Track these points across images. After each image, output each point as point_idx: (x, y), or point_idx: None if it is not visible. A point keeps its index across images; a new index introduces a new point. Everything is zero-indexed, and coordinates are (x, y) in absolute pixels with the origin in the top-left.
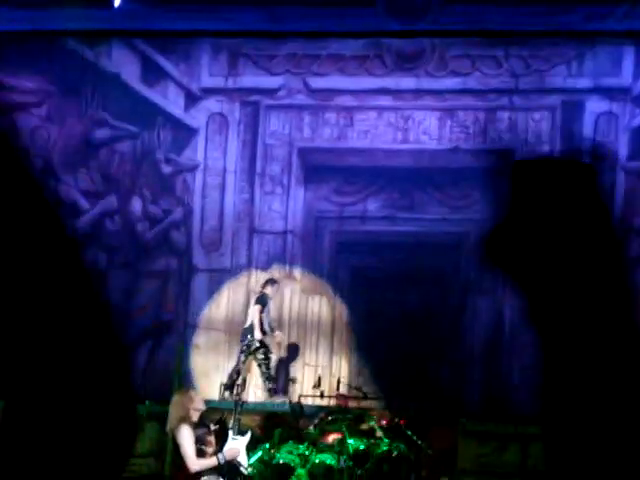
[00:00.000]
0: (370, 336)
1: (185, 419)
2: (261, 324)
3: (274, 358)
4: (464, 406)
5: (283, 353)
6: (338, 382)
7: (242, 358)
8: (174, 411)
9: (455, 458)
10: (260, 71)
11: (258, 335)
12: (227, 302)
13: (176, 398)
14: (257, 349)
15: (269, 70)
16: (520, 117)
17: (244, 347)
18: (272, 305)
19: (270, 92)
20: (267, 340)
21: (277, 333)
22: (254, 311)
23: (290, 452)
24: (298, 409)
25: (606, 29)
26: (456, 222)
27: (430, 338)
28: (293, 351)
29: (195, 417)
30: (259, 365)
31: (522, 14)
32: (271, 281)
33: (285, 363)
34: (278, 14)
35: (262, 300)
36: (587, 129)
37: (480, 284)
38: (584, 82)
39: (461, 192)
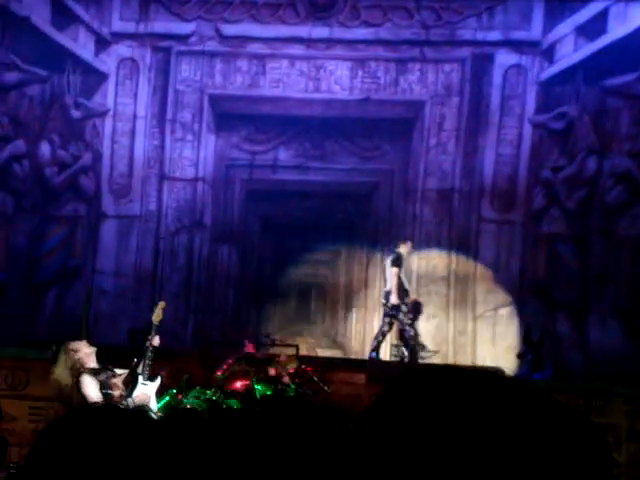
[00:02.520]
0: (277, 285)
1: (80, 368)
2: (400, 286)
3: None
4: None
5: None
6: (247, 330)
7: (386, 320)
8: (64, 367)
9: (361, 404)
10: (172, 17)
11: (394, 300)
12: (136, 249)
13: (61, 357)
14: (404, 313)
15: (181, 16)
16: (431, 69)
17: (389, 310)
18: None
19: (182, 38)
20: (407, 301)
21: None
22: (392, 274)
23: (197, 397)
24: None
25: None
26: (366, 172)
27: (333, 286)
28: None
29: (90, 361)
30: (403, 330)
31: None
32: (404, 240)
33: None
34: None
35: (398, 261)
36: (496, 81)
37: (389, 233)
38: (494, 35)
39: (372, 143)
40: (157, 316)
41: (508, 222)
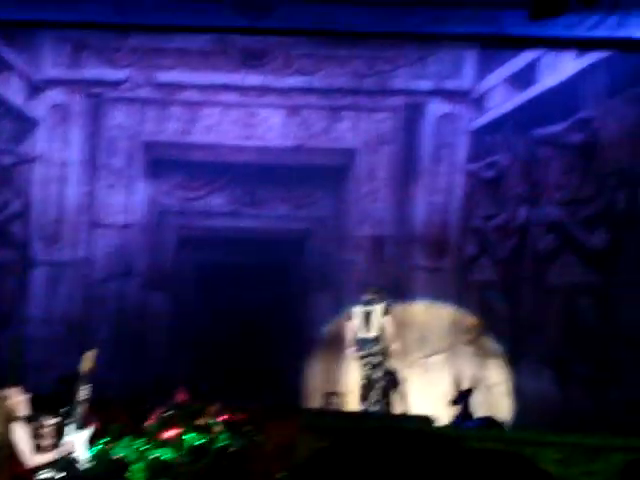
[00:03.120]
0: (211, 333)
1: (12, 417)
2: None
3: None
4: (305, 401)
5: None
6: (179, 379)
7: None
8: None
9: (294, 453)
10: (104, 63)
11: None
12: (66, 296)
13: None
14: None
15: (113, 62)
16: (363, 117)
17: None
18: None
19: (114, 85)
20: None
21: None
22: (388, 322)
23: (126, 447)
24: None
25: (448, 32)
26: (299, 219)
27: (271, 333)
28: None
29: (23, 409)
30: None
31: (367, 14)
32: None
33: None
34: (122, 6)
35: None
36: (428, 130)
37: (322, 281)
38: (426, 84)
39: (304, 190)
40: (87, 365)
41: (440, 269)
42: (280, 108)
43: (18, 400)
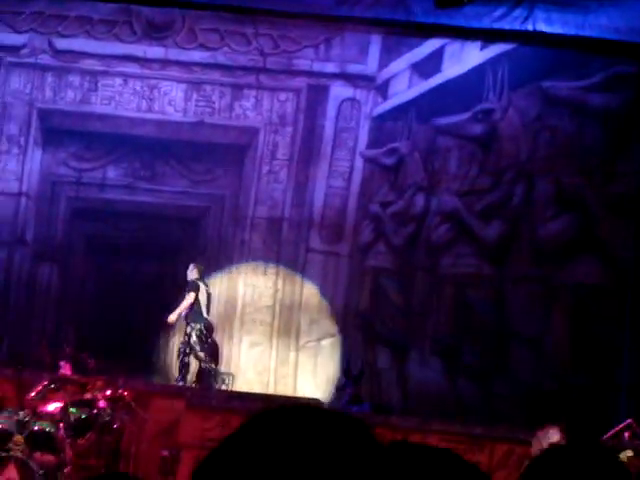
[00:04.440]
0: (99, 307)
1: None
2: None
3: None
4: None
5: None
6: (65, 350)
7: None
8: None
9: (178, 431)
10: (4, 27)
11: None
12: None
13: None
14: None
15: (13, 27)
16: (266, 96)
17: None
18: None
19: (13, 49)
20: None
21: None
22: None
23: (8, 418)
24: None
25: (354, 15)
26: (197, 196)
27: (160, 310)
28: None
29: None
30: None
31: None
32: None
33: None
34: None
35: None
36: (330, 114)
37: (217, 260)
38: (330, 67)
39: (204, 166)
40: None
41: (335, 254)
42: (182, 82)
43: None
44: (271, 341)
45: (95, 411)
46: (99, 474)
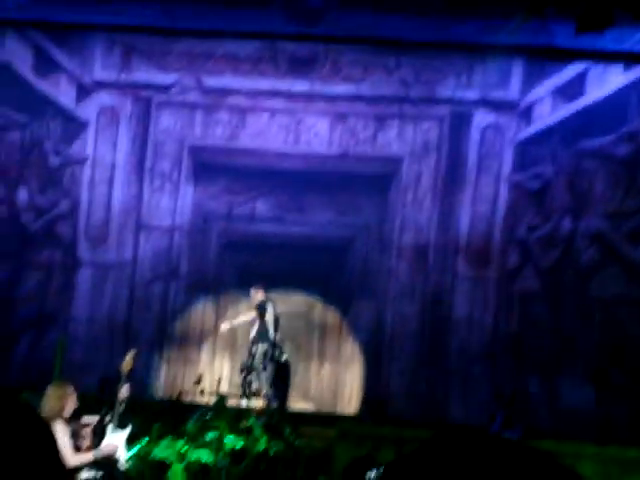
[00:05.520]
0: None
1: (58, 414)
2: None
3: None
4: (343, 408)
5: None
6: (219, 381)
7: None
8: (49, 404)
9: (332, 459)
10: (153, 67)
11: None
12: (110, 296)
13: (52, 391)
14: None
15: (163, 66)
16: (409, 126)
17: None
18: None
19: (163, 88)
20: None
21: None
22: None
23: (167, 448)
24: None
25: (496, 43)
26: (343, 226)
27: (313, 339)
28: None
29: (68, 413)
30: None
31: (415, 23)
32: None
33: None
34: (173, 10)
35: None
36: (474, 140)
37: (363, 288)
38: (472, 94)
39: (349, 197)
40: (127, 365)
41: (482, 279)
42: (327, 115)
43: (72, 402)
44: (418, 367)
45: (251, 439)
46: None
